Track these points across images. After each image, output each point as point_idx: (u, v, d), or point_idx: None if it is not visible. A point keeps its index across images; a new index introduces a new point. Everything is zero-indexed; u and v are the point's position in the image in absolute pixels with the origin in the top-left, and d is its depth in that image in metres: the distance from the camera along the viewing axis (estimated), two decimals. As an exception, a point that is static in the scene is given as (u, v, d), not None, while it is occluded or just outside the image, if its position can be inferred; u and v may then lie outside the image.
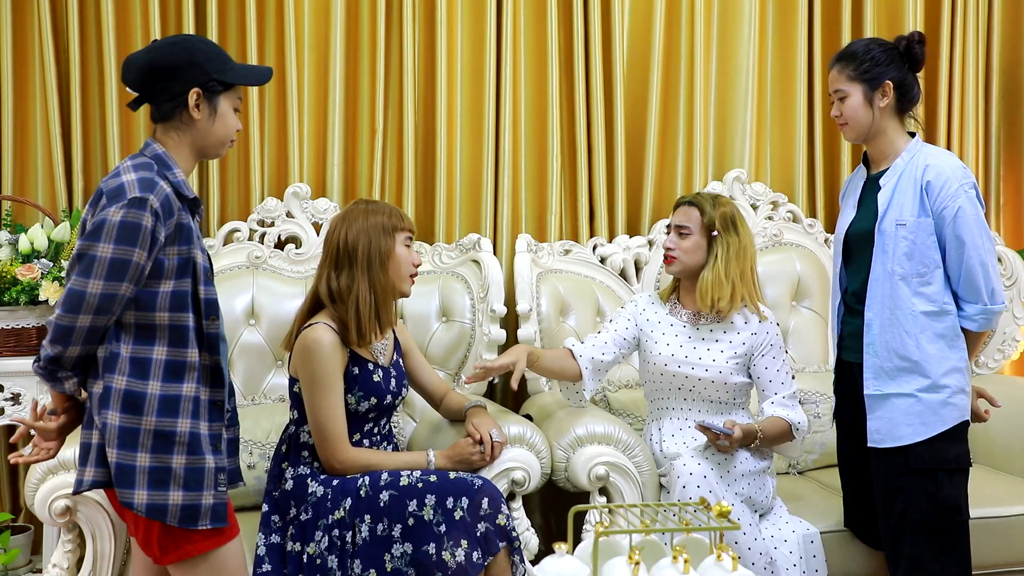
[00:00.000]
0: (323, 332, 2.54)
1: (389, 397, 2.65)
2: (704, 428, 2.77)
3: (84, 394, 2.13)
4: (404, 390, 2.73)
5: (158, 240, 2.02)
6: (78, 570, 2.73)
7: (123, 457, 2.01)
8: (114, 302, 1.99)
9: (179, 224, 2.05)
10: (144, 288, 2.03)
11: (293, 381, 2.61)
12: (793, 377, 2.96)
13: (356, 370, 2.59)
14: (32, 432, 2.20)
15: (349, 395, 2.58)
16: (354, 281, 2.57)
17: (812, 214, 3.95)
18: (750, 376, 2.95)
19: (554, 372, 2.95)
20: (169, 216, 2.03)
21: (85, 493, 2.64)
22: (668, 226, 3.01)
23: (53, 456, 2.21)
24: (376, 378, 2.62)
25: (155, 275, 2.03)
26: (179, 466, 2.04)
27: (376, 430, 2.67)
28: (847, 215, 2.82)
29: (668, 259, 2.96)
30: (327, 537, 2.47)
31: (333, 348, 2.54)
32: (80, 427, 2.14)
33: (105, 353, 2.03)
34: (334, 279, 2.59)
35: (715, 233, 2.91)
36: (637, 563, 1.77)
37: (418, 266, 2.70)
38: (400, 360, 2.76)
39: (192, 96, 2.10)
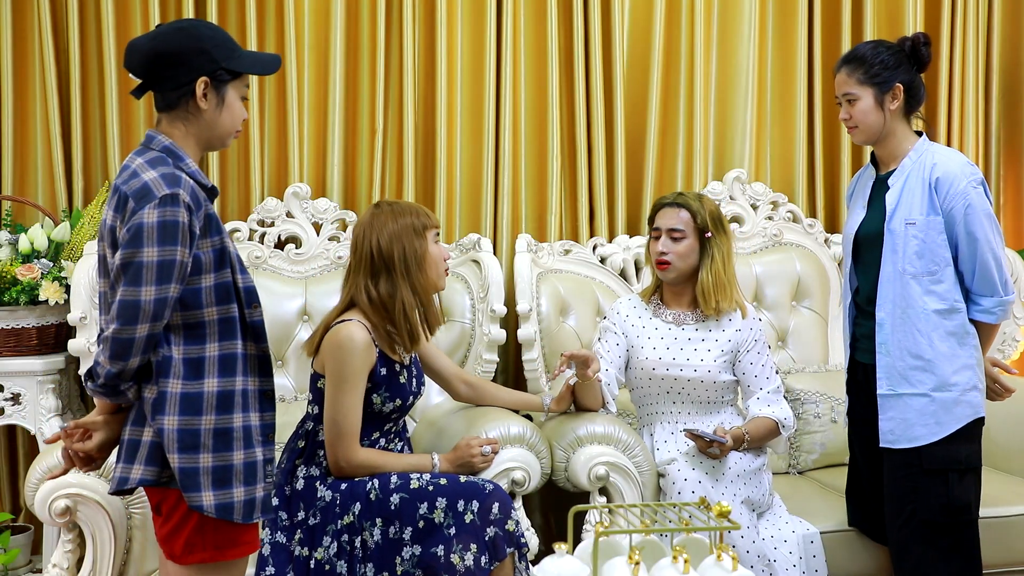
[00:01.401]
0: (356, 329, 2.53)
1: (411, 397, 2.66)
2: (694, 436, 2.76)
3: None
4: (422, 387, 2.74)
5: (195, 234, 1.96)
6: (78, 570, 2.73)
7: (186, 460, 1.96)
8: (166, 305, 1.93)
9: (208, 215, 2.00)
10: (187, 286, 1.97)
11: (317, 377, 2.59)
12: (777, 372, 2.96)
13: (384, 371, 2.58)
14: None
15: (375, 395, 2.57)
16: (396, 288, 2.56)
17: (812, 214, 3.95)
18: (735, 374, 2.95)
19: (589, 394, 2.90)
20: (198, 208, 1.97)
21: (85, 494, 2.64)
22: (655, 229, 2.95)
23: (97, 468, 2.16)
24: (402, 379, 2.62)
25: (195, 271, 1.98)
26: (239, 461, 2.00)
27: (394, 429, 2.68)
28: (856, 215, 2.83)
29: (662, 265, 2.92)
30: (336, 543, 2.47)
31: (365, 347, 2.53)
32: (125, 426, 2.06)
33: (158, 358, 1.97)
34: (372, 288, 2.57)
35: (708, 234, 2.90)
36: (637, 563, 1.77)
37: (448, 259, 2.70)
38: (415, 355, 2.76)
39: (200, 85, 2.02)
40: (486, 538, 2.45)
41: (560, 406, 2.92)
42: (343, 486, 2.52)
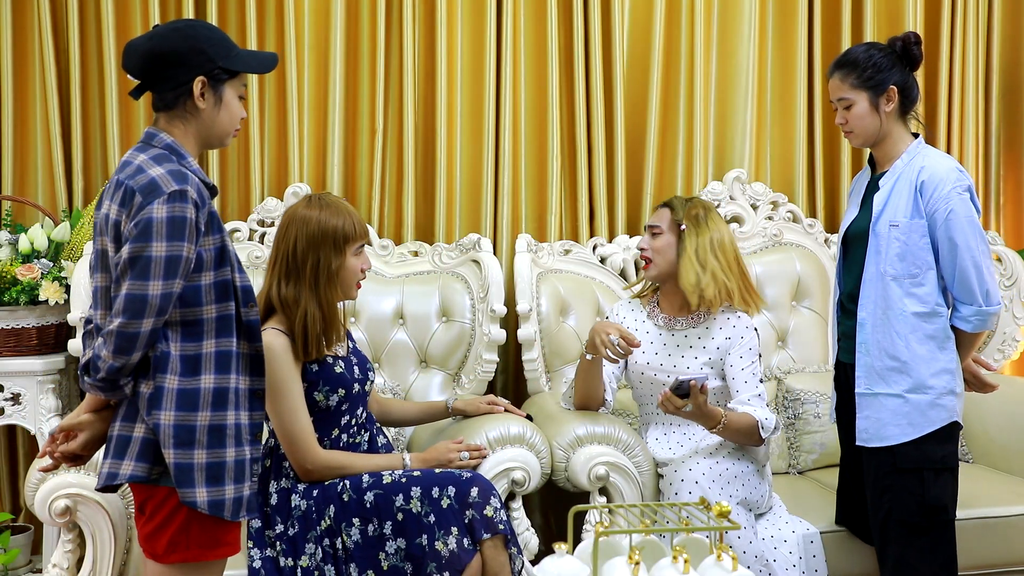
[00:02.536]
0: (273, 337, 2.49)
1: (356, 385, 2.62)
2: (669, 395, 2.69)
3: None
4: (371, 374, 2.71)
5: (201, 231, 1.97)
6: (78, 570, 2.73)
7: (181, 456, 1.96)
8: (170, 301, 1.95)
9: (210, 213, 2.01)
10: (187, 283, 1.98)
11: None
12: (762, 381, 2.92)
13: (315, 367, 2.56)
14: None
15: (317, 392, 2.55)
16: (300, 296, 2.52)
17: (812, 214, 3.95)
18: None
19: (597, 380, 2.92)
20: (203, 206, 1.99)
21: (85, 494, 2.64)
22: (644, 228, 3.02)
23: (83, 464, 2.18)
24: (339, 369, 2.59)
25: (196, 268, 1.98)
26: (231, 459, 2.01)
27: (353, 421, 2.64)
28: (850, 214, 2.84)
29: (646, 263, 2.96)
30: (319, 548, 2.46)
31: (284, 350, 2.50)
32: (114, 422, 2.06)
33: (156, 353, 1.97)
34: (283, 287, 2.54)
35: (683, 228, 2.89)
36: (637, 563, 1.77)
37: (367, 270, 2.63)
38: (357, 347, 2.75)
39: (197, 85, 2.04)
40: (465, 521, 2.44)
41: (472, 407, 2.89)
42: (315, 492, 2.50)
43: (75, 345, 3.12)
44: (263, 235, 3.51)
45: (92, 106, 3.55)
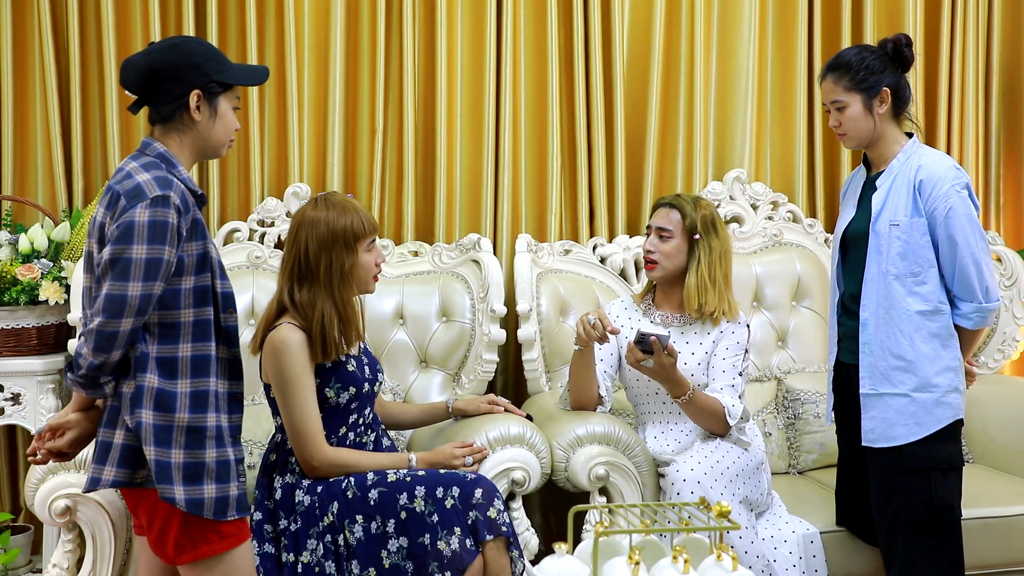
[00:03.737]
0: (288, 331, 2.51)
1: (367, 385, 2.64)
2: (632, 346, 2.71)
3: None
4: (380, 375, 2.73)
5: (182, 236, 2.04)
6: (78, 570, 2.73)
7: (160, 454, 2.03)
8: (150, 302, 2.01)
9: (195, 220, 2.08)
10: (168, 286, 2.04)
11: (268, 387, 2.58)
12: (741, 375, 2.92)
13: (328, 364, 2.57)
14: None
15: (328, 389, 2.56)
16: (316, 298, 2.53)
17: (812, 214, 3.95)
18: None
19: (587, 374, 2.92)
20: (187, 212, 2.05)
21: (85, 494, 2.65)
22: (648, 227, 2.99)
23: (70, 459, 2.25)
24: (351, 367, 2.61)
25: (177, 273, 2.05)
26: (211, 459, 2.06)
27: (360, 420, 2.65)
28: (846, 215, 2.85)
29: (649, 264, 2.95)
30: (320, 544, 2.46)
31: (300, 346, 2.51)
32: (99, 427, 2.13)
33: (136, 353, 2.03)
34: (296, 291, 2.55)
35: (697, 236, 2.90)
36: (637, 563, 1.77)
37: (381, 264, 2.65)
38: (368, 348, 2.75)
39: (193, 98, 2.12)
40: (468, 522, 2.45)
41: (472, 406, 2.88)
42: (319, 488, 2.51)
43: (75, 345, 3.11)
44: (263, 235, 3.51)
45: (92, 106, 3.55)
